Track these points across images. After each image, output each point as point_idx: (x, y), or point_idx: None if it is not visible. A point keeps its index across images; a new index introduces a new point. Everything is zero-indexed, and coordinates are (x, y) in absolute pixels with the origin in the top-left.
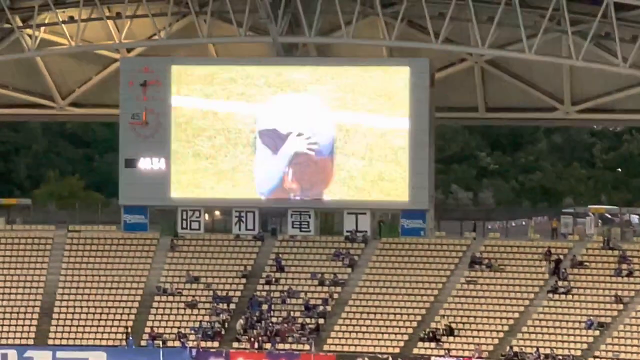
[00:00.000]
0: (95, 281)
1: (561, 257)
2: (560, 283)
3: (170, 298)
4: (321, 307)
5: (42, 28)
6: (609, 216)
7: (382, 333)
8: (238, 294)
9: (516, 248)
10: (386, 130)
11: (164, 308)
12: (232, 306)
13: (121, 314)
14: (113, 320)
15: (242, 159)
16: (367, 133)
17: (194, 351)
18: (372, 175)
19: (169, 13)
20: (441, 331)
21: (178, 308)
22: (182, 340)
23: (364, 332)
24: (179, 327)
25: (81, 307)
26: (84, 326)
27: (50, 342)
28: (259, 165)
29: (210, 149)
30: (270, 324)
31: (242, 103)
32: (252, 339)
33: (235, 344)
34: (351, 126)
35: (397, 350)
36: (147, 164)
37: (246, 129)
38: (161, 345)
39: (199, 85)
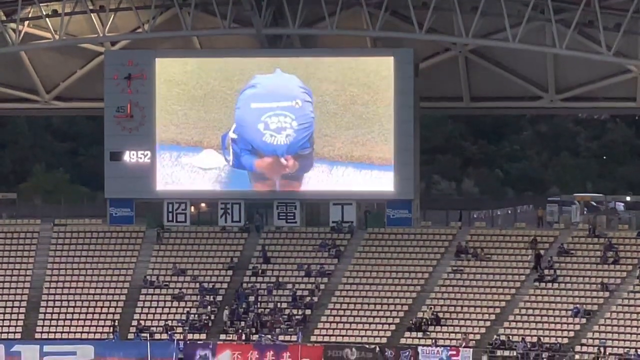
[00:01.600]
0: (81, 275)
1: (542, 251)
2: (546, 272)
3: (157, 291)
4: (308, 298)
5: (26, 22)
6: (595, 204)
7: (369, 323)
8: (225, 285)
9: (502, 237)
10: (371, 121)
11: (150, 301)
12: (219, 298)
13: (108, 307)
14: (100, 313)
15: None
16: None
17: (181, 343)
18: (356, 164)
19: (152, 6)
20: (428, 321)
21: (165, 300)
22: (169, 332)
23: (350, 323)
24: (166, 320)
25: (68, 300)
26: (71, 320)
27: (37, 336)
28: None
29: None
30: (257, 316)
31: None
32: (240, 331)
33: (222, 336)
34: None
35: (384, 340)
36: (132, 157)
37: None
38: (148, 338)
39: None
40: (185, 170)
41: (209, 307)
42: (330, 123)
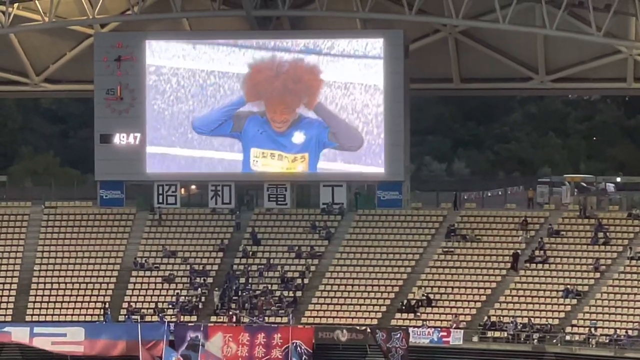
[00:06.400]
0: (72, 257)
1: (519, 251)
2: (536, 253)
3: (148, 273)
4: (298, 280)
5: (15, 4)
6: (585, 185)
7: (360, 305)
8: (215, 267)
9: (492, 218)
10: (361, 102)
11: (141, 283)
12: (210, 280)
13: (99, 290)
14: (91, 295)
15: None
16: (341, 104)
17: (171, 325)
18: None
19: None
20: (419, 302)
21: (155, 283)
22: (159, 314)
23: (341, 304)
24: (156, 302)
25: (58, 283)
26: (61, 302)
27: (27, 318)
28: None
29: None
30: (248, 297)
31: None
32: (230, 313)
33: (212, 318)
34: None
35: (375, 321)
36: (122, 139)
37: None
38: (139, 320)
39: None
40: (176, 152)
41: (200, 289)
42: None
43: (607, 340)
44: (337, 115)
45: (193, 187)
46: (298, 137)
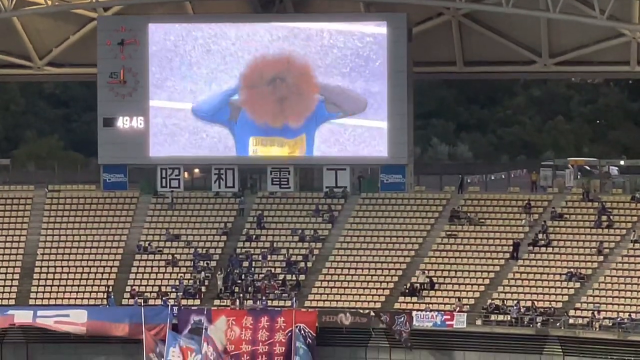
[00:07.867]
0: (75, 241)
1: (519, 239)
2: (540, 236)
3: (151, 256)
4: (302, 263)
5: None
6: (588, 168)
7: (363, 288)
8: (219, 251)
9: (496, 201)
10: (364, 86)
11: (144, 266)
12: (213, 264)
13: (102, 273)
14: (94, 279)
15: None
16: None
17: (175, 309)
18: (351, 129)
19: None
20: (422, 285)
21: (159, 266)
22: (163, 298)
23: (345, 288)
24: (160, 286)
25: (62, 266)
26: (64, 286)
27: (31, 302)
28: None
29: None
30: (252, 281)
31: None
32: (234, 296)
33: (216, 302)
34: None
35: (378, 305)
36: (125, 122)
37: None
38: (142, 304)
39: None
40: (179, 135)
41: (203, 272)
42: None
43: (611, 324)
44: (336, 86)
45: (196, 170)
46: (296, 122)
